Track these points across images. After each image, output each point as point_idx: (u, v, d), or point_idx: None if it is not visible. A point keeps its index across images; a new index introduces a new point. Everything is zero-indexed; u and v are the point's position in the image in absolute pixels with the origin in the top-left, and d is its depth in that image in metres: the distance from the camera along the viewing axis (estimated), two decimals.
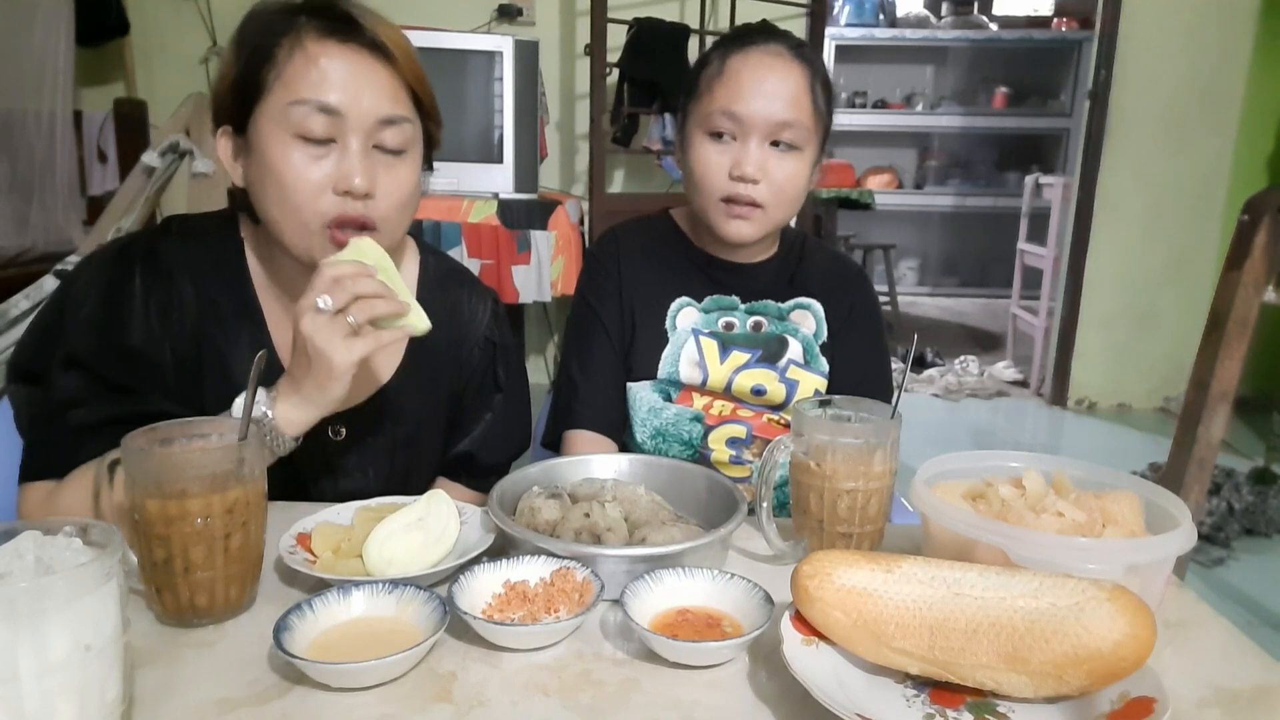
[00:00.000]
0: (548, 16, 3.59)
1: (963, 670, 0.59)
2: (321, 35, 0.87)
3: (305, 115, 0.85)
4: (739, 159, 1.06)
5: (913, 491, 0.76)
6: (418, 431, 1.05)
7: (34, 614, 0.49)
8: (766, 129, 1.06)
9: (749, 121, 1.05)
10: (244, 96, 0.87)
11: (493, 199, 2.74)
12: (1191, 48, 3.72)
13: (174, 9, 3.46)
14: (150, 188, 2.54)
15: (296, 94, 0.85)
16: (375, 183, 0.88)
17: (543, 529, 0.80)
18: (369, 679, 0.61)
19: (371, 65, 0.88)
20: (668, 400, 1.17)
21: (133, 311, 0.90)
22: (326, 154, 0.87)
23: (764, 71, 1.06)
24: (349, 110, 0.86)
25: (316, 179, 0.86)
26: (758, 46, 1.08)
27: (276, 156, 0.86)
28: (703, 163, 1.09)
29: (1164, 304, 3.93)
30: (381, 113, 0.88)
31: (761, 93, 1.05)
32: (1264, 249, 1.45)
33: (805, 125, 1.07)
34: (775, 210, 1.10)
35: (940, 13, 6.51)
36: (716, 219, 1.11)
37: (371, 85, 0.88)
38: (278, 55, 0.86)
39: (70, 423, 0.86)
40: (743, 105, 1.05)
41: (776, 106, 1.05)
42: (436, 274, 1.08)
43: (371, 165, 0.88)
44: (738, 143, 1.07)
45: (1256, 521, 2.68)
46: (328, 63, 0.86)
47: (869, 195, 4.84)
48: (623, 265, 1.20)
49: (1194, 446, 1.50)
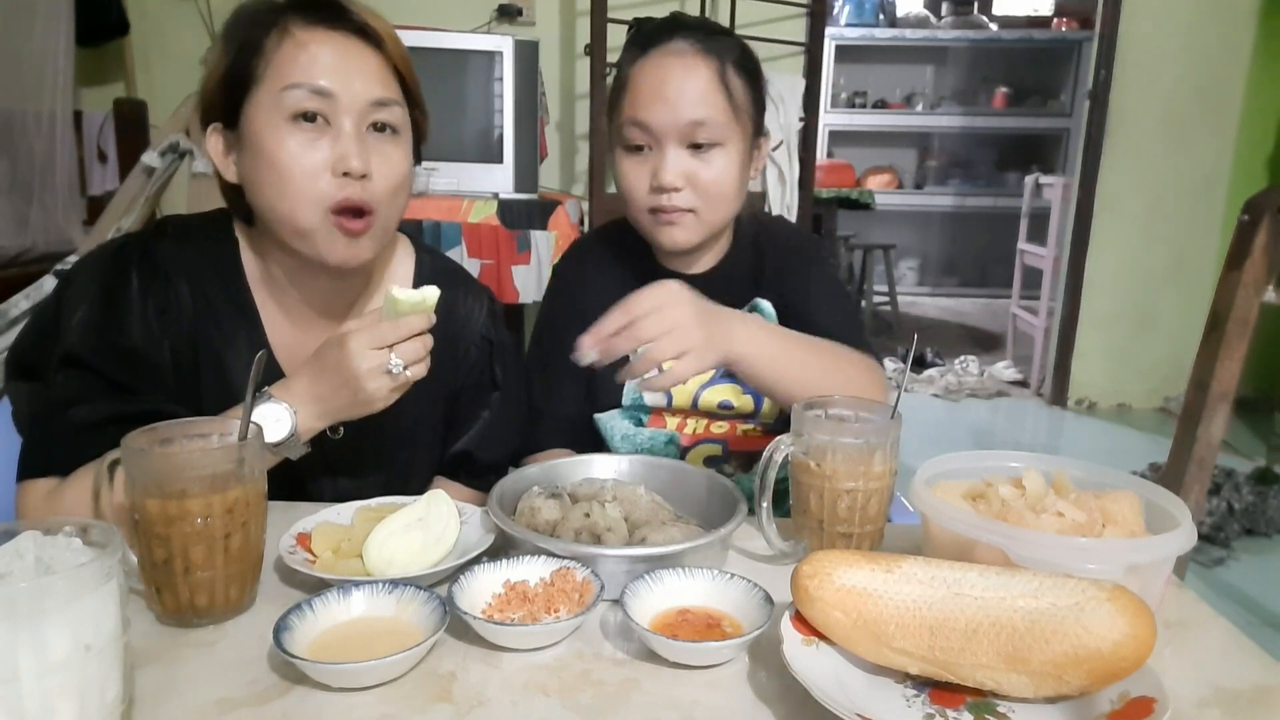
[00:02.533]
0: (548, 16, 3.59)
1: (963, 670, 0.59)
2: (309, 22, 0.88)
3: (299, 99, 0.86)
4: (656, 169, 1.03)
5: (913, 491, 0.76)
6: (415, 431, 1.05)
7: (34, 614, 0.49)
8: (678, 133, 1.02)
9: (658, 129, 1.02)
10: (234, 90, 0.88)
11: (493, 199, 2.73)
12: (1191, 48, 3.72)
13: (174, 9, 3.45)
14: (150, 188, 2.54)
15: (288, 79, 0.86)
16: (370, 164, 0.89)
17: (543, 529, 0.80)
18: (369, 679, 0.61)
19: (360, 49, 0.90)
20: (639, 425, 1.15)
21: (130, 312, 0.90)
22: (321, 136, 0.88)
23: (663, 74, 1.02)
24: (341, 92, 0.87)
25: (313, 161, 0.87)
26: (657, 48, 1.03)
27: (272, 143, 0.86)
28: (624, 178, 1.07)
29: (1164, 304, 3.93)
30: (372, 95, 0.90)
31: (663, 97, 1.01)
32: (1264, 249, 1.45)
33: (720, 120, 1.02)
34: (709, 213, 1.06)
35: (940, 13, 6.51)
36: (650, 231, 1.09)
37: (361, 68, 0.90)
38: (266, 45, 0.87)
39: (70, 420, 0.86)
40: (647, 113, 1.02)
41: (683, 109, 1.01)
42: (432, 273, 1.08)
43: (366, 147, 0.89)
44: (655, 152, 1.04)
45: (1256, 521, 2.68)
46: (317, 48, 0.88)
47: (869, 195, 4.84)
48: (588, 286, 1.18)
49: (1194, 446, 1.50)
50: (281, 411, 0.83)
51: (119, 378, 0.88)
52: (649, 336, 0.81)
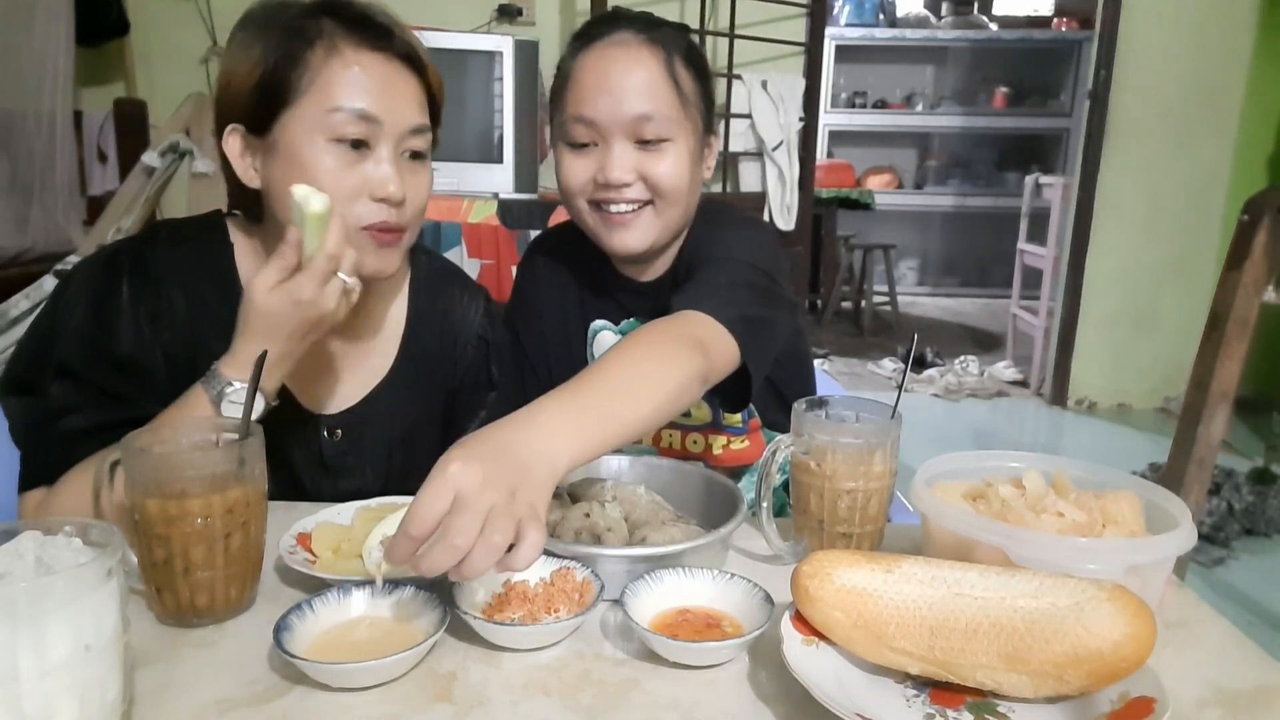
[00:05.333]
0: (548, 16, 3.59)
1: (963, 670, 0.59)
2: (358, 43, 0.88)
3: (344, 122, 0.86)
4: (603, 164, 0.97)
5: (913, 491, 0.76)
6: (413, 431, 1.05)
7: (34, 614, 0.49)
8: (624, 128, 0.96)
9: (603, 124, 0.97)
10: (269, 98, 0.86)
11: (493, 199, 2.73)
12: (1192, 48, 3.72)
13: (174, 9, 3.45)
14: (150, 188, 2.54)
15: (335, 100, 0.86)
16: (406, 189, 0.90)
17: None
18: (369, 679, 0.61)
19: (404, 74, 0.90)
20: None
21: (121, 320, 0.90)
22: (361, 160, 0.88)
23: (606, 66, 0.97)
24: (385, 118, 0.88)
25: (352, 183, 0.88)
26: (600, 40, 0.99)
27: (311, 160, 0.86)
28: (565, 173, 1.01)
29: (1164, 304, 3.93)
30: (412, 122, 0.90)
31: (608, 90, 0.96)
32: (1264, 249, 1.45)
33: (667, 114, 0.97)
34: (664, 207, 1.00)
35: (940, 13, 6.52)
36: (597, 233, 1.02)
37: (404, 94, 0.90)
38: (311, 59, 0.86)
39: (64, 429, 0.86)
40: (592, 108, 0.96)
41: (631, 100, 0.96)
42: (429, 273, 1.08)
43: (401, 172, 0.90)
44: (600, 148, 0.98)
45: (1256, 521, 2.68)
46: (364, 71, 0.87)
47: (869, 195, 4.85)
48: (540, 286, 1.16)
49: (1194, 446, 1.50)
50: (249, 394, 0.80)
51: (112, 386, 0.88)
52: (448, 562, 0.58)
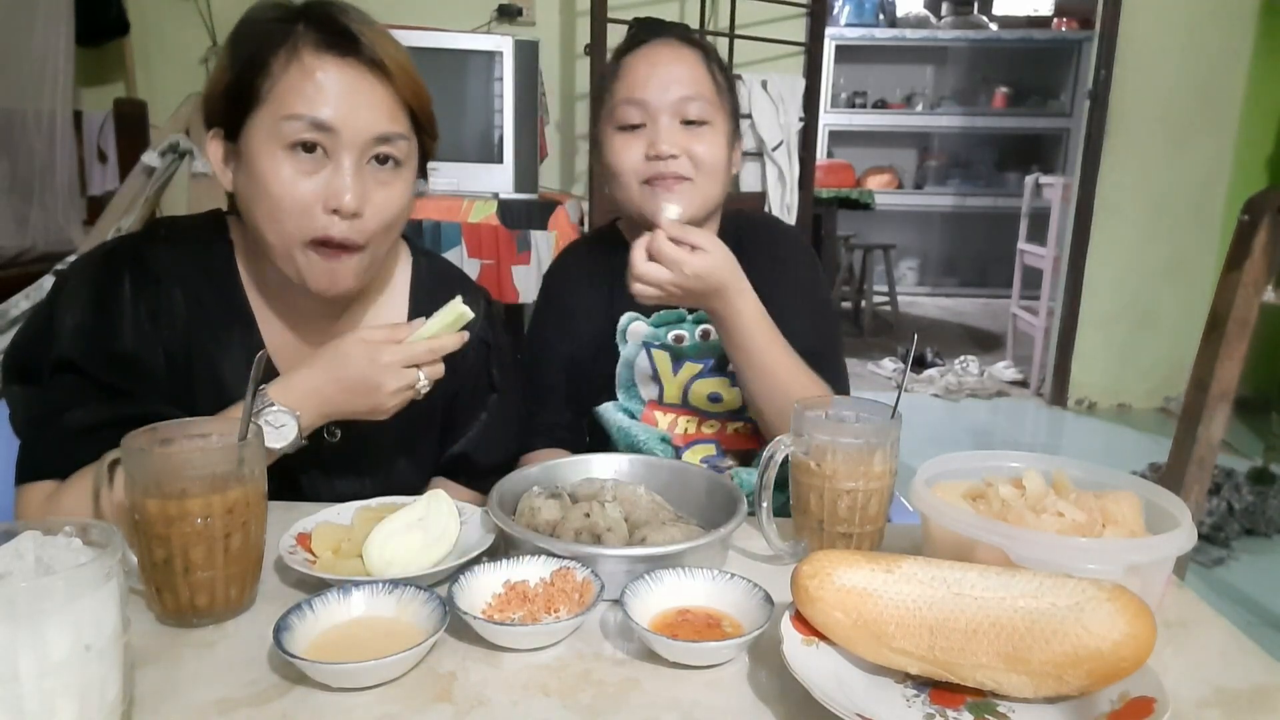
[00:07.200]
0: (548, 16, 3.59)
1: (963, 670, 0.59)
2: (319, 49, 0.86)
3: (298, 130, 0.84)
4: (653, 139, 1.08)
5: (913, 491, 0.76)
6: (413, 433, 1.04)
7: (34, 614, 0.49)
8: (672, 108, 1.08)
9: (654, 104, 1.08)
10: (237, 104, 0.87)
11: (493, 199, 2.73)
12: (1191, 48, 3.72)
13: (174, 9, 3.45)
14: (150, 188, 2.54)
15: (290, 108, 0.84)
16: (366, 201, 0.88)
17: (543, 529, 0.80)
18: (369, 679, 0.61)
19: (369, 82, 0.87)
20: (633, 418, 1.17)
21: (122, 317, 0.90)
22: (317, 169, 0.86)
23: (656, 56, 1.10)
24: (343, 127, 0.85)
25: (306, 194, 0.86)
26: (647, 44, 1.12)
27: (266, 169, 0.85)
28: (616, 154, 1.10)
29: (1164, 304, 3.93)
30: (377, 130, 0.87)
31: (658, 75, 1.08)
32: (1264, 249, 1.45)
33: (709, 98, 1.09)
34: (705, 184, 1.10)
35: (940, 13, 6.52)
36: (646, 204, 1.09)
37: (368, 102, 0.87)
38: (273, 66, 0.85)
39: (66, 424, 0.86)
40: (643, 90, 1.08)
41: (677, 85, 1.08)
42: (428, 276, 1.08)
43: (363, 183, 0.87)
44: (648, 128, 1.09)
45: (1256, 521, 2.68)
46: (324, 77, 0.85)
47: (869, 195, 4.84)
48: (575, 289, 1.21)
49: (1194, 446, 1.50)
50: (285, 418, 0.83)
51: (113, 382, 0.88)
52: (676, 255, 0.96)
